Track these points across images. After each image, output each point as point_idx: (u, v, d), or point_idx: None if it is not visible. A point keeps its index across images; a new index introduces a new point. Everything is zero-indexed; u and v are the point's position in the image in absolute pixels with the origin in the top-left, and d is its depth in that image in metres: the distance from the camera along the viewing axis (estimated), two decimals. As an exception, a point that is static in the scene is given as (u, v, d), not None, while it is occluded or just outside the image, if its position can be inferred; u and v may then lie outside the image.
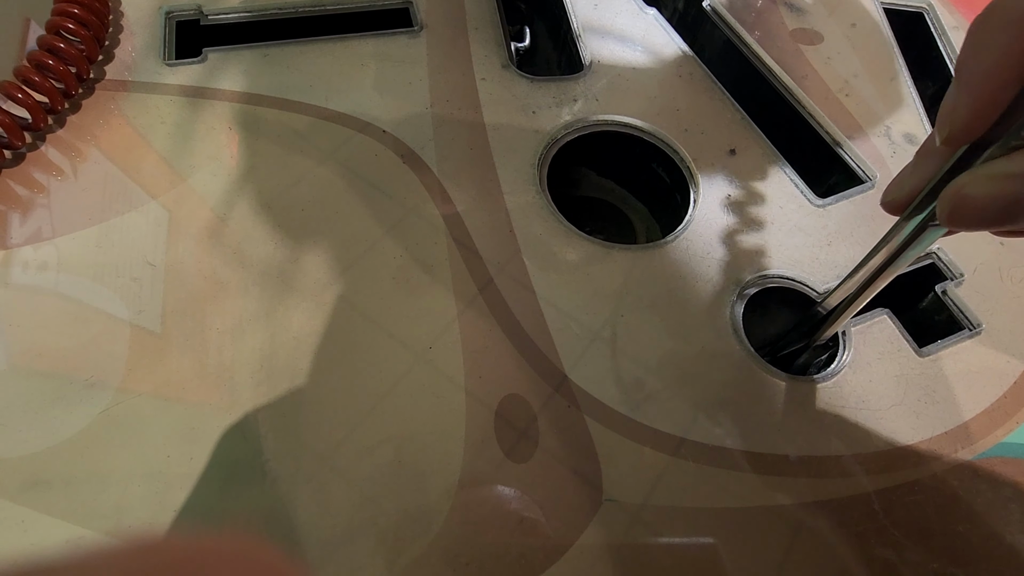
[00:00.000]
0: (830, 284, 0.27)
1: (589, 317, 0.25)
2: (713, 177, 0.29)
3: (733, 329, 0.25)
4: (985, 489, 0.22)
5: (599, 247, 0.27)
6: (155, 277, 0.24)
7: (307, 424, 0.22)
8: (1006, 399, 0.25)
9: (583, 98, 0.31)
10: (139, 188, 0.26)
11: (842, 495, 0.22)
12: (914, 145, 0.32)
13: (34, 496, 0.20)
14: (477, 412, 0.22)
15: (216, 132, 0.28)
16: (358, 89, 0.30)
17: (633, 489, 0.21)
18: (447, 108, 0.30)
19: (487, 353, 0.24)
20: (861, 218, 0.29)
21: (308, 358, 0.23)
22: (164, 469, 0.20)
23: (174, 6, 0.32)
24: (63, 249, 0.25)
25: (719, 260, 0.27)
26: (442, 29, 0.33)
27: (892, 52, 0.35)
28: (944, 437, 0.24)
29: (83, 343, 0.22)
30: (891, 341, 0.26)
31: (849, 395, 0.24)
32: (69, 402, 0.21)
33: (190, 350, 0.23)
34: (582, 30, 0.34)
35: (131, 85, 0.29)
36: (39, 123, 0.27)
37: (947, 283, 0.27)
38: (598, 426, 0.23)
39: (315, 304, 0.24)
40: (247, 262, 0.25)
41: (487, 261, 0.26)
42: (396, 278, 0.25)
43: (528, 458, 0.22)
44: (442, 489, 0.21)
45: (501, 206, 0.27)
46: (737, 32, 0.35)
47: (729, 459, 0.22)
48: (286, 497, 0.21)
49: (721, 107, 0.32)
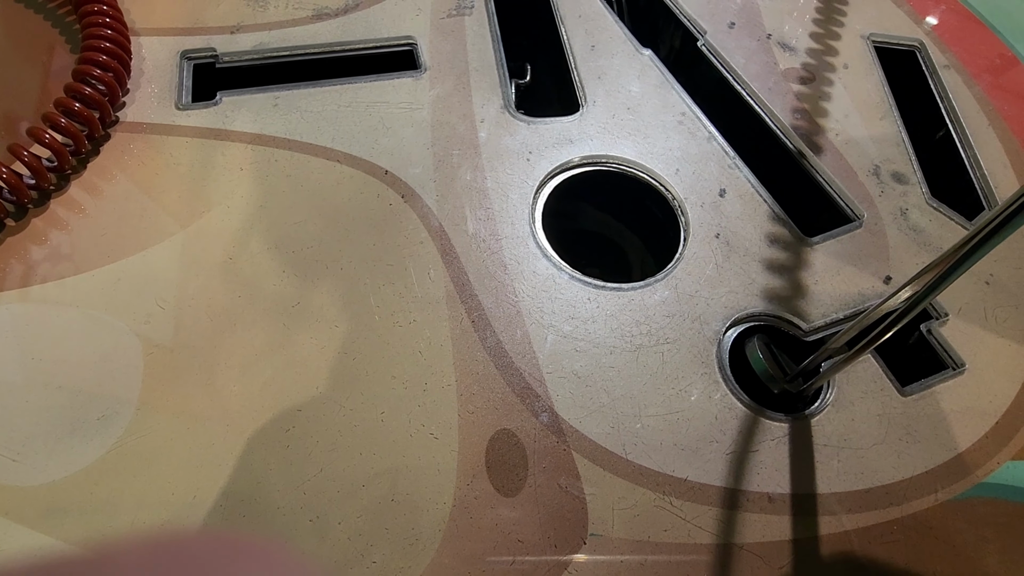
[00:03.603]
0: (815, 322, 0.28)
1: (580, 356, 0.26)
2: (703, 216, 0.30)
3: (719, 367, 0.26)
4: (964, 529, 0.23)
5: (591, 288, 0.28)
6: (168, 313, 0.26)
7: (308, 457, 0.23)
8: (987, 439, 0.25)
9: (578, 138, 0.32)
10: (155, 226, 0.28)
11: (822, 533, 0.23)
12: (903, 184, 0.32)
13: (52, 523, 0.21)
14: (469, 447, 0.23)
15: (228, 173, 0.30)
16: (363, 130, 0.32)
17: (617, 524, 0.22)
18: (447, 148, 0.31)
19: (480, 390, 0.25)
20: (848, 257, 0.30)
21: (311, 394, 0.24)
22: (171, 499, 0.22)
23: (191, 50, 0.34)
24: (83, 285, 0.26)
25: (707, 298, 0.28)
26: (445, 71, 0.35)
27: (883, 92, 0.36)
28: (924, 477, 0.24)
29: (99, 378, 0.24)
30: (874, 380, 0.26)
31: (831, 434, 0.25)
32: (85, 435, 0.23)
33: (200, 385, 0.24)
34: (580, 70, 0.35)
35: (149, 127, 0.31)
36: (64, 165, 0.28)
37: (932, 322, 0.28)
38: (585, 462, 0.23)
39: (318, 341, 0.25)
40: (255, 299, 0.26)
41: (483, 300, 0.27)
42: (395, 316, 0.26)
43: (517, 492, 0.23)
44: (433, 522, 0.22)
45: (497, 245, 0.29)
46: (731, 71, 0.36)
47: (711, 496, 0.23)
48: (288, 528, 0.22)
49: (713, 147, 0.33)
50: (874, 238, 0.30)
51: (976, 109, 0.36)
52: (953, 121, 0.36)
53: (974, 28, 0.40)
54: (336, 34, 0.35)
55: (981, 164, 0.34)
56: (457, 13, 0.37)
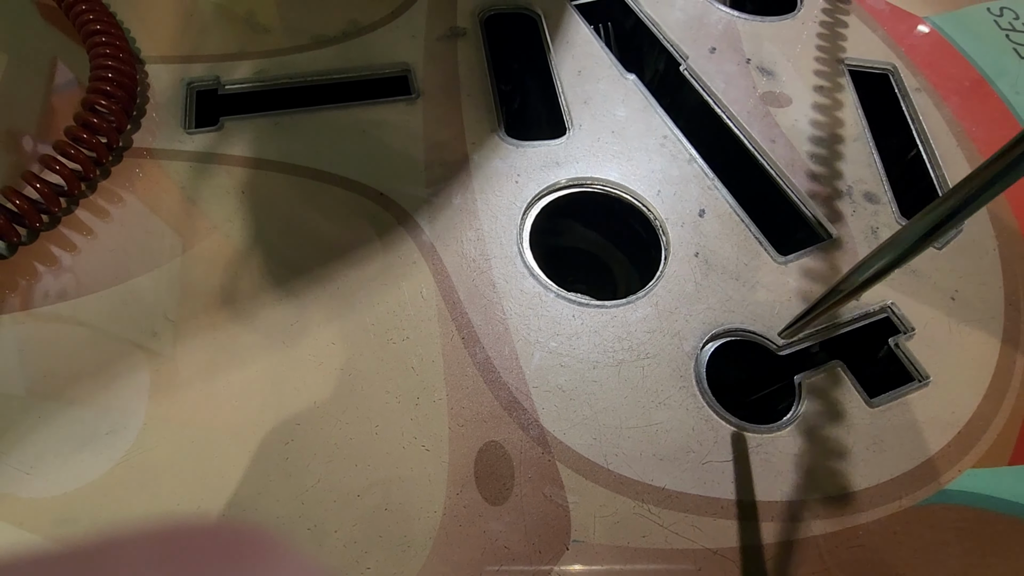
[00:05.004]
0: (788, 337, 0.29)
1: (565, 370, 0.27)
2: (683, 236, 0.32)
3: (696, 380, 0.27)
4: (926, 534, 0.24)
5: (575, 305, 0.29)
6: (173, 332, 0.27)
7: (306, 469, 0.24)
8: (950, 448, 0.26)
9: (565, 161, 0.34)
10: (160, 247, 0.29)
11: (791, 538, 0.24)
12: (873, 204, 0.34)
13: (63, 533, 0.22)
14: (459, 458, 0.25)
15: (230, 196, 0.31)
16: (358, 154, 0.33)
17: (599, 531, 0.24)
18: (440, 171, 0.33)
19: (470, 404, 0.26)
20: (820, 274, 0.31)
21: (309, 408, 0.25)
22: (176, 510, 0.23)
23: (195, 77, 0.36)
24: (91, 304, 0.28)
25: (686, 315, 0.29)
26: (438, 96, 0.36)
27: (856, 114, 0.38)
28: (890, 484, 0.25)
29: (107, 394, 0.25)
30: (843, 392, 0.28)
31: (802, 444, 0.26)
32: (94, 449, 0.24)
33: (203, 401, 0.25)
34: (567, 95, 0.37)
35: (155, 152, 0.32)
36: (73, 190, 0.30)
37: (899, 336, 0.30)
38: (569, 472, 0.25)
39: (315, 359, 0.27)
40: (256, 318, 0.28)
41: (472, 318, 0.28)
42: (389, 333, 0.28)
43: (504, 501, 0.24)
44: (425, 530, 0.23)
45: (487, 264, 0.30)
46: (711, 95, 0.38)
47: (688, 504, 0.24)
48: (288, 537, 0.23)
49: (693, 169, 0.34)
50: (845, 255, 0.32)
51: (945, 130, 0.38)
52: (923, 142, 0.37)
53: (945, 52, 0.42)
54: (334, 60, 0.37)
55: (949, 184, 0.35)
56: (450, 37, 0.39)
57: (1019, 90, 0.41)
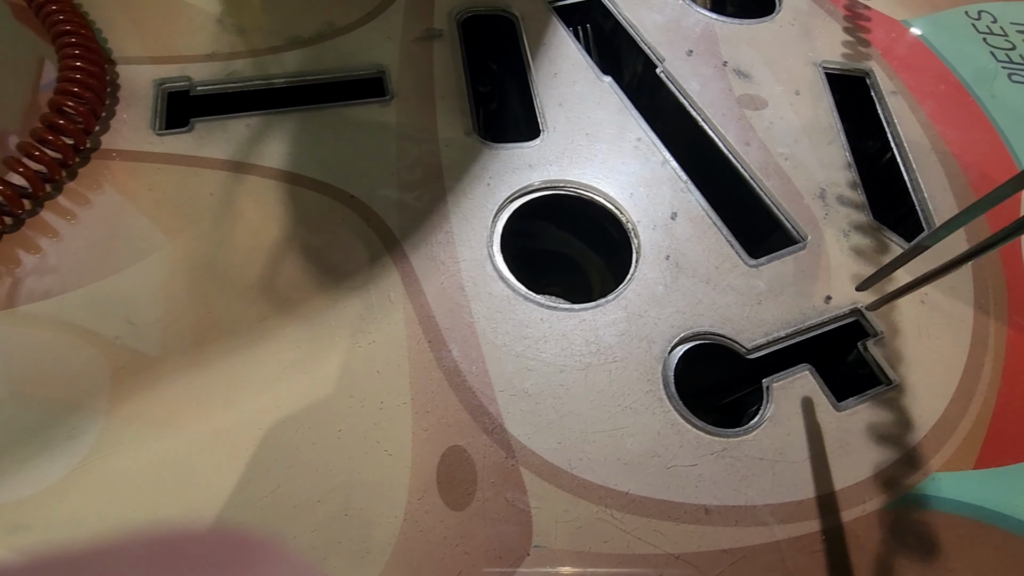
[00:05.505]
0: (757, 340, 0.29)
1: (531, 374, 0.27)
2: (654, 238, 0.32)
3: (663, 384, 0.27)
4: (888, 538, 0.24)
5: (544, 309, 0.29)
6: (136, 335, 0.27)
7: (267, 474, 0.24)
8: (915, 451, 0.26)
9: (538, 163, 0.34)
10: (126, 250, 0.29)
11: (753, 543, 0.24)
12: (846, 207, 0.34)
13: (16, 540, 0.22)
14: (422, 463, 0.25)
15: (198, 199, 0.31)
16: (330, 156, 0.33)
17: (560, 536, 0.23)
18: (412, 173, 0.33)
19: (434, 408, 0.26)
20: (791, 277, 0.31)
21: (271, 412, 0.25)
22: (132, 516, 0.23)
23: (166, 78, 0.35)
24: (54, 306, 0.27)
25: (655, 318, 0.29)
26: (412, 97, 0.36)
27: (832, 117, 0.38)
28: (854, 488, 0.25)
29: (68, 397, 0.25)
30: (811, 395, 0.28)
31: (768, 447, 0.26)
32: (52, 454, 0.24)
33: (164, 405, 0.25)
34: (541, 97, 0.37)
35: (123, 154, 0.32)
36: (38, 191, 0.30)
37: (868, 339, 0.30)
38: (532, 476, 0.25)
39: (280, 361, 0.27)
40: (221, 321, 0.27)
41: (440, 321, 0.28)
42: (355, 337, 0.27)
43: (466, 506, 0.24)
44: (384, 536, 0.23)
45: (456, 267, 0.30)
46: (687, 97, 0.38)
47: (651, 509, 0.24)
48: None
49: (667, 172, 0.34)
50: (816, 259, 0.32)
51: (920, 133, 0.38)
52: (898, 145, 0.37)
53: (922, 55, 0.42)
54: (308, 61, 0.37)
55: (922, 187, 0.35)
56: (426, 38, 0.39)
57: (995, 94, 0.41)
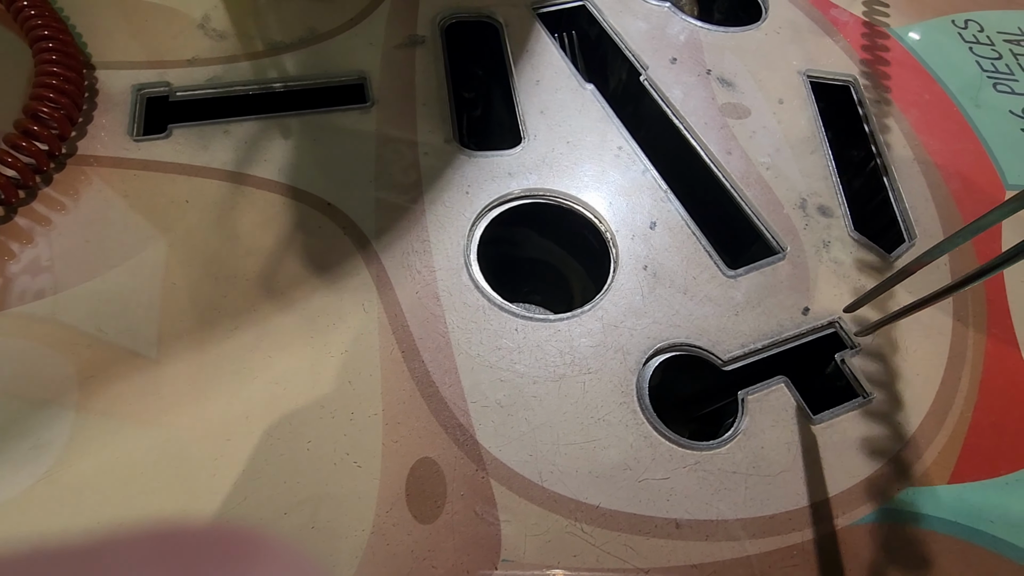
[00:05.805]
0: (733, 352, 0.29)
1: (504, 385, 0.27)
2: (633, 248, 0.32)
3: (637, 396, 0.27)
4: (861, 553, 0.24)
5: (520, 319, 0.29)
6: (106, 343, 0.27)
7: (233, 486, 0.24)
8: (889, 466, 0.26)
9: (518, 172, 0.34)
10: (99, 257, 0.29)
11: (724, 558, 0.24)
12: (827, 217, 0.34)
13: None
14: (391, 475, 0.24)
15: (174, 205, 0.31)
16: (308, 163, 0.33)
17: (529, 550, 0.23)
18: (390, 181, 0.33)
19: (405, 419, 0.26)
20: (770, 288, 0.31)
21: (239, 423, 0.25)
22: (96, 528, 0.22)
23: (145, 83, 0.35)
24: (24, 315, 0.27)
25: (631, 328, 0.29)
26: (392, 104, 0.36)
27: (815, 126, 0.38)
28: (827, 503, 0.25)
29: (35, 409, 0.25)
30: (786, 409, 0.27)
31: (741, 461, 0.26)
32: (15, 464, 0.23)
33: (131, 416, 0.25)
34: (523, 105, 0.37)
35: (100, 160, 0.32)
36: (11, 197, 0.29)
37: (846, 352, 0.29)
38: (502, 489, 0.24)
39: (250, 371, 0.26)
40: (192, 330, 0.27)
41: (413, 330, 0.28)
42: (328, 347, 0.27)
43: (434, 519, 0.24)
44: (351, 549, 0.23)
45: (432, 276, 0.30)
46: (670, 105, 0.37)
47: (621, 522, 0.24)
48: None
49: (647, 180, 0.34)
50: (796, 270, 0.32)
51: (903, 143, 0.38)
52: (881, 155, 0.37)
53: (907, 64, 0.42)
54: (290, 67, 0.37)
55: (903, 198, 0.35)
56: (409, 45, 0.39)
57: (980, 104, 0.41)
